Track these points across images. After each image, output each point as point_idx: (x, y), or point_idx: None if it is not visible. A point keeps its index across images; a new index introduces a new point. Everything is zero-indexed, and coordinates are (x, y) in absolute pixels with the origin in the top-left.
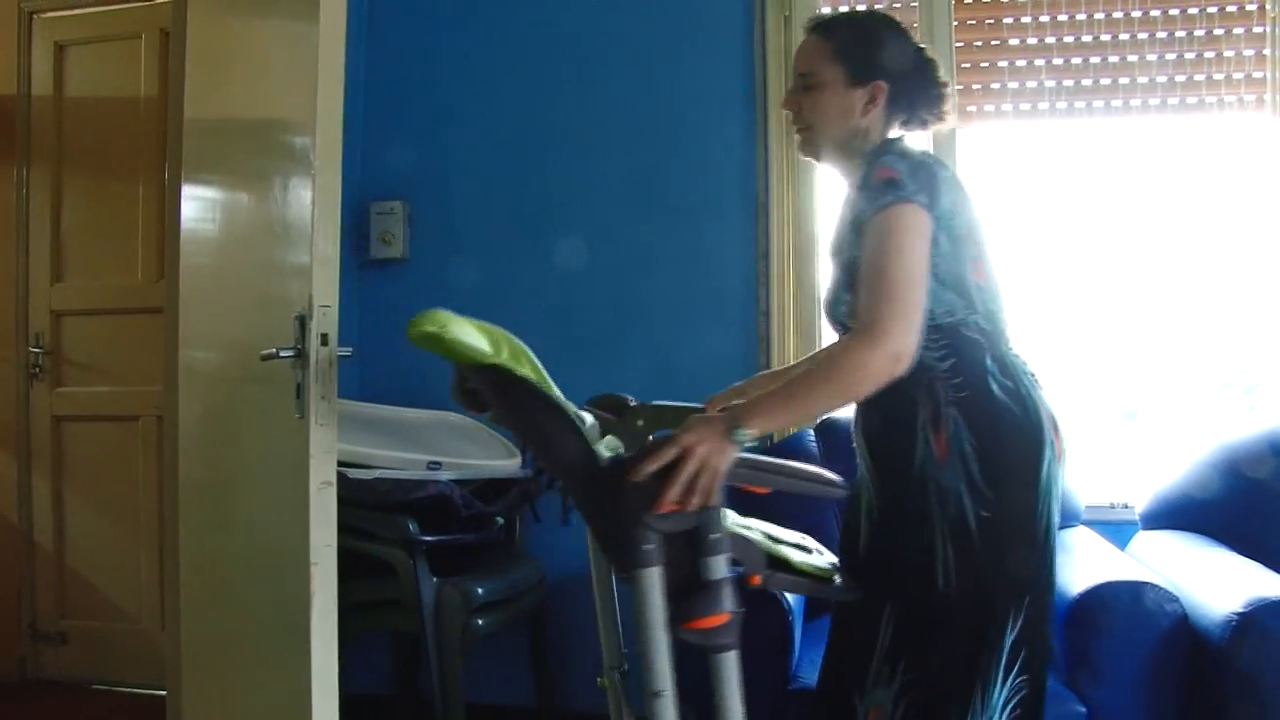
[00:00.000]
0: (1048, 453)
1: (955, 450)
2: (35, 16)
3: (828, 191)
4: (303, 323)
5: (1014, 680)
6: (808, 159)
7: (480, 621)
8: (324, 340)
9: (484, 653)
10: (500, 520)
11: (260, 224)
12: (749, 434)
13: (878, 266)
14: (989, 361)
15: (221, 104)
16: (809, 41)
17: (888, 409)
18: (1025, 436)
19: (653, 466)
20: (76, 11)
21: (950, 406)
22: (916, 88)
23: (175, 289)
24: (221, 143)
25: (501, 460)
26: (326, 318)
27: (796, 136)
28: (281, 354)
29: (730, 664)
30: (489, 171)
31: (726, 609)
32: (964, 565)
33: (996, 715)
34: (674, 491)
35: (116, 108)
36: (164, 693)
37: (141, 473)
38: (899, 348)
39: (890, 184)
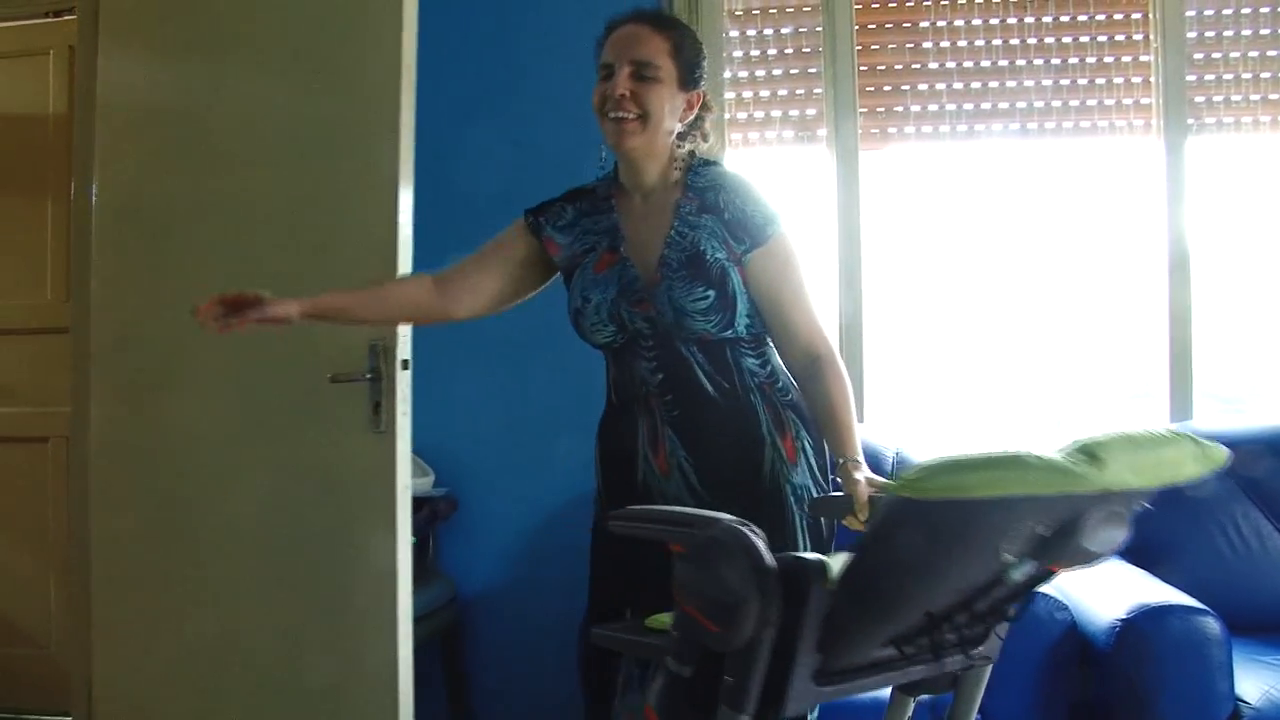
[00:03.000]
0: None
1: (800, 450)
2: None
3: None
4: (378, 349)
5: None
6: (624, 150)
7: None
8: (405, 365)
9: None
10: (412, 539)
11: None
12: None
13: (806, 290)
14: (783, 368)
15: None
16: (643, 32)
17: (726, 421)
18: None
19: None
20: None
21: (786, 409)
22: (706, 106)
23: (85, 308)
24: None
25: (414, 479)
26: (404, 344)
27: (621, 125)
28: (366, 377)
29: None
30: None
31: None
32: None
33: None
34: None
35: (24, 125)
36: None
37: (51, 495)
38: None
39: (770, 205)
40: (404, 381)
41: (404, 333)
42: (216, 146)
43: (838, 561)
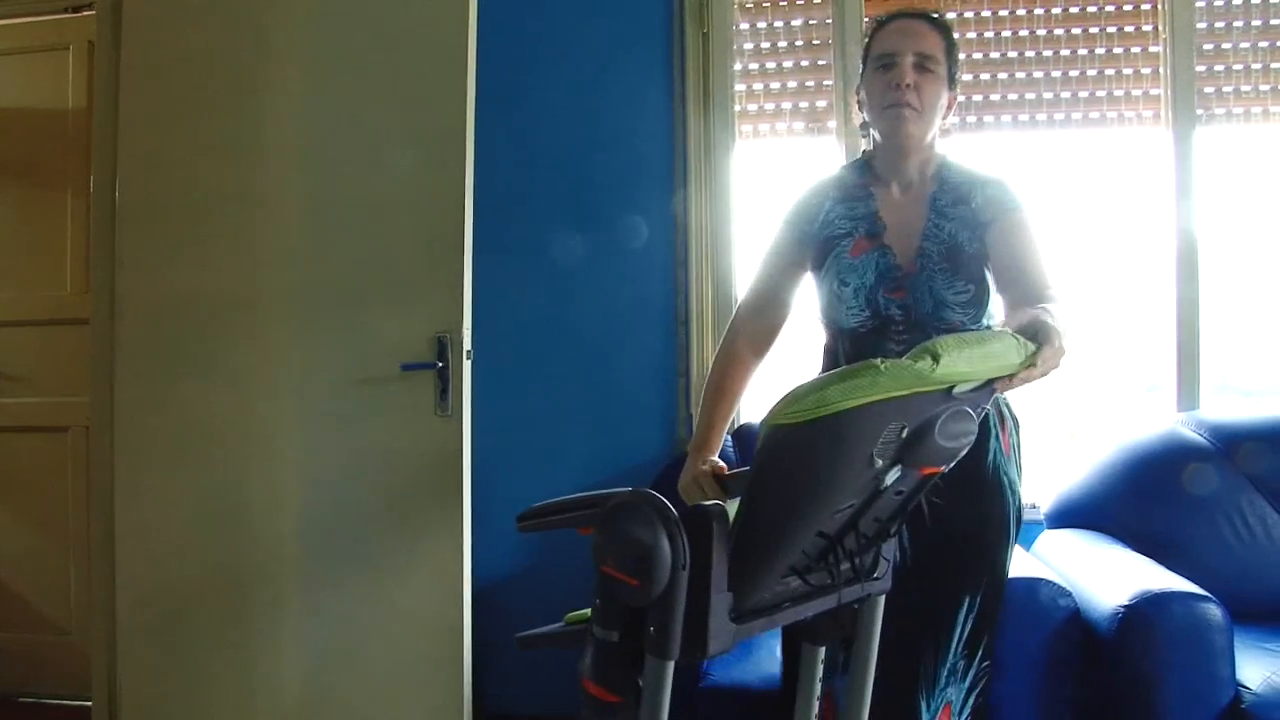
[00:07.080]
0: None
1: (1014, 445)
2: None
3: (741, 206)
4: (445, 341)
5: None
6: (900, 137)
7: None
8: (468, 355)
9: None
10: None
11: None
12: None
13: (1044, 255)
14: None
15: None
16: (923, 28)
17: None
18: None
19: None
20: (2, 22)
21: (1005, 405)
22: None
23: (108, 300)
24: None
25: None
26: (468, 336)
27: (901, 113)
28: (437, 365)
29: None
30: None
31: None
32: (1011, 552)
33: None
34: None
35: (43, 119)
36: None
37: (71, 484)
38: None
39: (1018, 193)
40: (467, 370)
41: (467, 326)
42: (242, 138)
43: (734, 505)
